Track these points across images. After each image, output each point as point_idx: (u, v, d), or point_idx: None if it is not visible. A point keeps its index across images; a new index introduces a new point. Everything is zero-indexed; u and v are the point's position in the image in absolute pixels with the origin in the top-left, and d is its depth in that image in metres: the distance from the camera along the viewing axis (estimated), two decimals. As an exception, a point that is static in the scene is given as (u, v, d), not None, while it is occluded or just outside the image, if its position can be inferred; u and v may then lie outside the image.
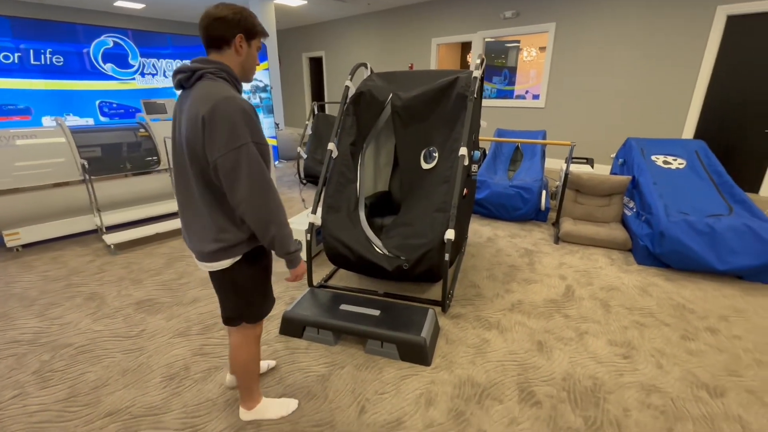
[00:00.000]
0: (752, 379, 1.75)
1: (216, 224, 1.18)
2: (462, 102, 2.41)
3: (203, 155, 1.09)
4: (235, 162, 1.06)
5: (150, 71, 4.84)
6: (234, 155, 1.06)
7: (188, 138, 1.10)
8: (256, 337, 1.44)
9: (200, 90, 1.09)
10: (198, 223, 1.20)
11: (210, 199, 1.16)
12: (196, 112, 1.06)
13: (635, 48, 5.23)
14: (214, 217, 1.17)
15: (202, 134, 1.06)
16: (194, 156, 1.11)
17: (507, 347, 1.97)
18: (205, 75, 1.12)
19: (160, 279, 2.69)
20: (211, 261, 1.22)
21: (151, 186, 3.69)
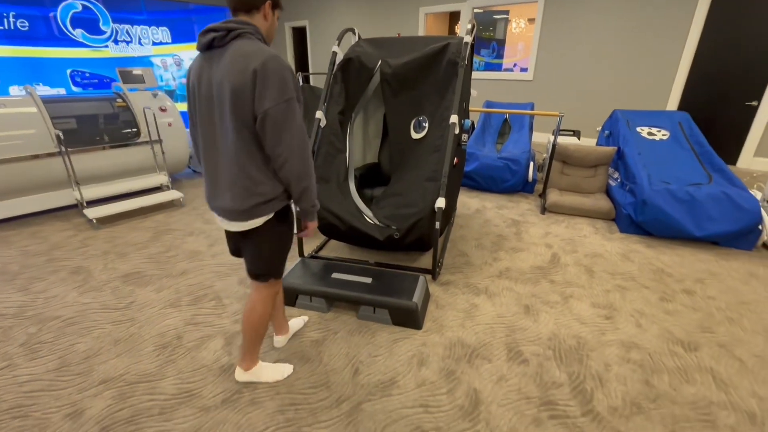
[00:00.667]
0: (723, 335, 1.86)
1: (253, 178, 1.21)
2: (453, 69, 2.37)
3: (250, 106, 1.12)
4: (284, 113, 1.13)
5: (124, 38, 4.59)
6: (284, 106, 1.12)
7: (234, 90, 1.11)
8: (276, 293, 1.49)
9: (243, 47, 1.13)
10: (232, 180, 1.22)
11: (249, 151, 1.18)
12: (245, 66, 1.10)
13: (623, 20, 5.19)
14: (250, 171, 1.20)
15: (252, 86, 1.10)
16: (239, 107, 1.13)
17: (495, 311, 2.03)
18: (244, 35, 1.16)
19: (146, 252, 2.65)
20: (246, 219, 1.26)
21: (133, 159, 3.57)
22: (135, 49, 4.71)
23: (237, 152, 1.18)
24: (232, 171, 1.21)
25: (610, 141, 3.86)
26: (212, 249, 2.70)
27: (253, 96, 1.11)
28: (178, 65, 5.17)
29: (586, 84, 5.72)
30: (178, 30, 5.03)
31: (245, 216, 1.25)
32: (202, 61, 1.20)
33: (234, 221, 1.27)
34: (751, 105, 4.66)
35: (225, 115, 1.16)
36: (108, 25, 4.43)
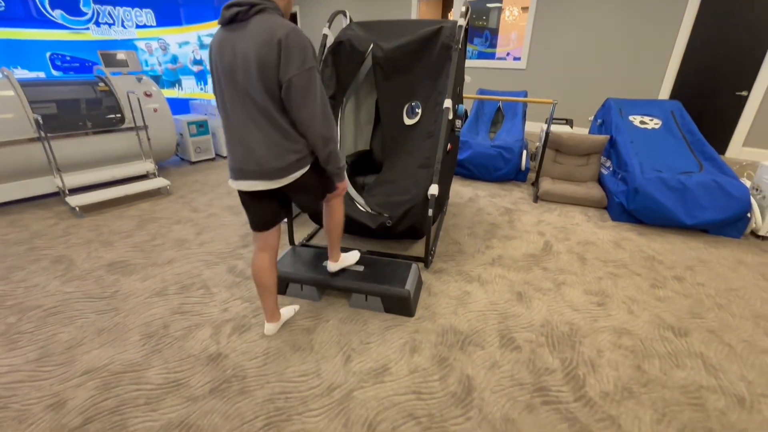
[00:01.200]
0: (713, 321, 1.87)
1: (288, 136, 1.32)
2: (446, 53, 2.31)
3: (277, 72, 1.22)
4: (307, 80, 1.23)
5: (106, 20, 4.41)
6: (307, 75, 1.23)
7: (260, 59, 1.21)
8: (342, 192, 1.63)
9: (265, 21, 1.23)
10: (267, 142, 1.31)
11: (282, 114, 1.29)
12: (270, 38, 1.20)
13: (617, 9, 5.16)
14: (285, 131, 1.31)
15: (278, 55, 1.20)
16: (266, 76, 1.23)
17: (488, 298, 2.02)
18: (266, 9, 1.25)
19: (132, 241, 2.58)
20: (285, 175, 1.35)
21: (117, 146, 3.46)
22: (118, 32, 4.54)
23: (271, 116, 1.28)
24: (267, 133, 1.30)
25: (603, 130, 3.85)
26: (200, 237, 2.63)
27: (278, 65, 1.21)
28: (164, 50, 5.01)
29: (579, 73, 5.69)
30: (163, 12, 4.85)
31: (283, 173, 1.35)
32: (225, 34, 1.27)
33: (273, 180, 1.35)
34: (741, 95, 4.69)
35: (253, 83, 1.24)
36: (89, 5, 4.25)
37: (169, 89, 5.23)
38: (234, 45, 1.24)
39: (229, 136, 1.36)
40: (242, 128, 1.31)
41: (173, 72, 5.21)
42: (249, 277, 2.18)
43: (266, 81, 1.23)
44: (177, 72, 5.26)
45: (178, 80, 5.31)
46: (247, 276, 2.18)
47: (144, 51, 4.84)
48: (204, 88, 5.59)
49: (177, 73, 5.27)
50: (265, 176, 1.34)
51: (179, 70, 5.27)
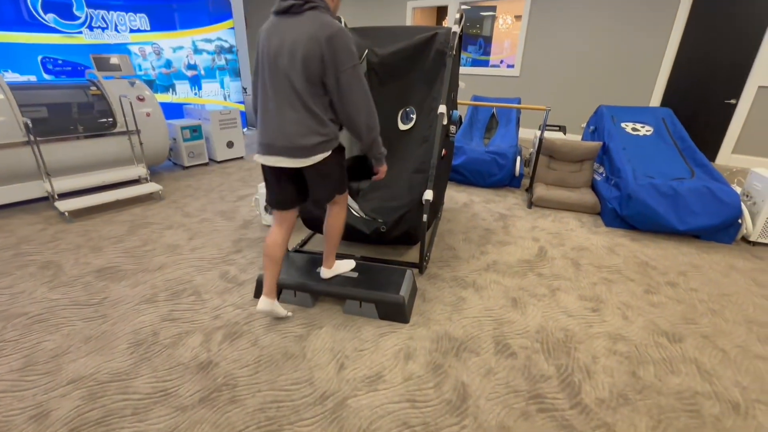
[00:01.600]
0: (706, 326, 1.87)
1: (318, 120, 1.44)
2: (441, 59, 2.32)
3: (320, 66, 1.36)
4: (352, 76, 1.38)
5: (99, 24, 4.39)
6: (351, 71, 1.38)
7: (307, 52, 1.35)
8: (346, 202, 1.80)
9: (316, 17, 1.37)
10: (299, 122, 1.43)
11: (316, 101, 1.42)
12: (318, 34, 1.34)
13: (608, 17, 5.24)
14: (316, 116, 1.43)
15: (325, 51, 1.34)
16: (310, 66, 1.36)
17: (483, 304, 2.01)
18: (318, 7, 1.39)
19: (122, 246, 2.53)
20: (309, 155, 1.47)
21: (108, 150, 3.42)
22: (111, 36, 4.51)
23: (306, 100, 1.41)
24: (300, 114, 1.42)
25: (596, 136, 3.89)
26: (191, 243, 2.60)
27: (321, 59, 1.35)
28: (158, 54, 4.98)
29: (572, 80, 5.76)
30: (157, 17, 4.84)
31: (308, 152, 1.46)
32: (277, 21, 1.42)
33: (297, 158, 1.47)
34: (730, 103, 4.77)
35: (297, 70, 1.38)
36: (82, 10, 4.22)
37: (163, 94, 5.20)
38: (284, 33, 1.39)
39: (264, 114, 1.49)
40: (278, 108, 1.44)
41: (167, 76, 5.19)
42: (241, 283, 2.15)
43: (308, 72, 1.37)
44: (171, 76, 5.23)
45: (172, 85, 5.28)
46: (240, 282, 2.15)
47: (138, 55, 4.81)
48: (198, 93, 5.57)
49: (171, 77, 5.24)
50: (292, 153, 1.46)
51: (173, 74, 5.25)
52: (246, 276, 2.21)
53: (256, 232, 2.78)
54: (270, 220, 2.85)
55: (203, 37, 5.45)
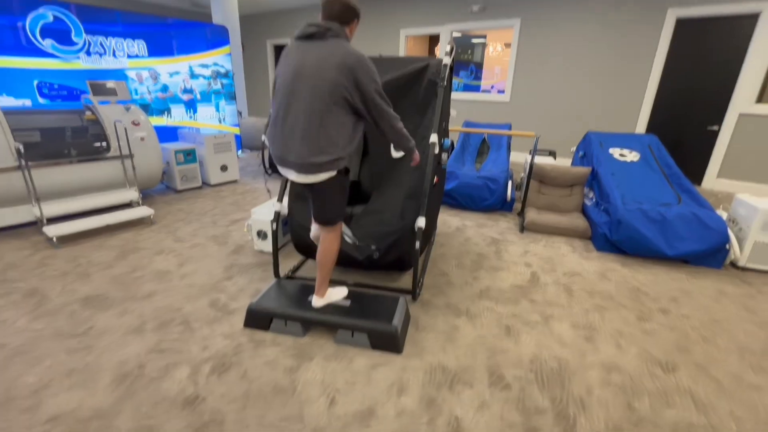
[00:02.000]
0: (699, 354, 1.87)
1: (329, 139, 1.53)
2: (432, 89, 2.39)
3: (346, 89, 1.49)
4: (379, 97, 1.55)
5: (97, 50, 4.46)
6: (378, 94, 1.55)
7: (334, 76, 1.47)
8: (340, 232, 1.85)
9: (338, 45, 1.51)
10: (312, 138, 1.52)
11: (332, 120, 1.51)
12: (343, 60, 1.48)
13: (594, 46, 5.46)
14: (330, 134, 1.52)
15: (350, 75, 1.48)
16: (334, 89, 1.48)
17: (476, 332, 1.99)
18: (340, 36, 1.54)
19: (110, 273, 2.49)
20: (316, 172, 1.57)
21: (101, 174, 3.41)
22: (108, 62, 4.57)
23: (322, 119, 1.50)
24: (314, 132, 1.51)
25: (585, 161, 3.98)
26: (182, 269, 2.56)
27: (346, 83, 1.48)
28: (155, 79, 5.05)
29: (561, 106, 5.93)
30: (155, 43, 4.93)
31: (315, 169, 1.56)
32: (300, 45, 1.55)
33: (305, 174, 1.58)
34: (713, 129, 4.93)
35: (319, 90, 1.48)
36: (80, 36, 4.29)
37: (158, 117, 5.24)
38: (305, 55, 1.52)
39: (281, 129, 1.58)
40: (293, 123, 1.54)
41: (163, 100, 5.24)
42: (231, 311, 2.11)
43: (331, 93, 1.48)
44: (167, 100, 5.29)
45: (168, 108, 5.33)
46: (230, 311, 2.12)
47: (134, 80, 4.87)
48: (193, 116, 5.62)
49: (167, 101, 5.30)
50: (302, 169, 1.58)
51: (169, 98, 5.30)
52: (236, 304, 2.18)
53: (248, 258, 2.75)
54: (261, 246, 2.83)
55: (200, 62, 5.55)
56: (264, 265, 2.64)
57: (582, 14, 5.43)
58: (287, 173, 1.65)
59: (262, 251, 2.85)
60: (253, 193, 4.35)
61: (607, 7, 5.24)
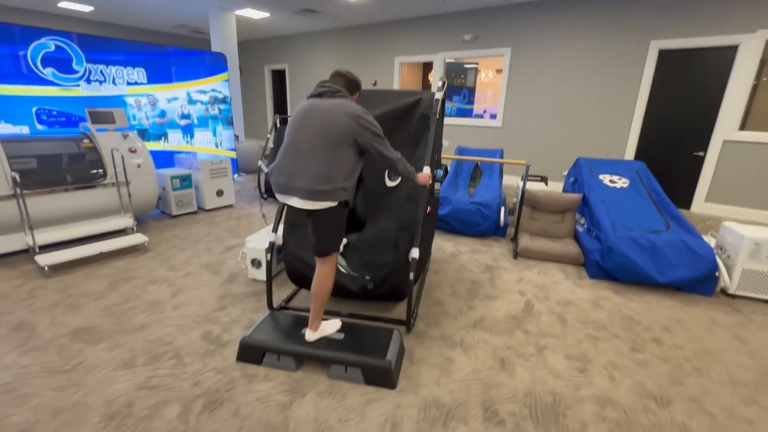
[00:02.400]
0: (693, 387, 1.88)
1: (332, 172, 1.73)
2: (425, 122, 2.45)
3: (351, 137, 1.74)
4: (381, 144, 1.80)
5: (97, 78, 4.54)
6: (380, 140, 1.80)
7: (343, 120, 1.73)
8: (335, 264, 1.94)
9: (344, 102, 1.80)
10: (316, 170, 1.71)
11: (336, 161, 1.73)
12: (351, 110, 1.76)
13: (583, 75, 5.65)
14: (332, 170, 1.73)
15: (354, 126, 1.73)
16: (342, 135, 1.73)
17: (471, 365, 1.98)
18: (345, 96, 1.84)
19: (102, 303, 2.46)
20: (317, 199, 1.72)
21: (96, 201, 3.41)
22: (108, 89, 4.65)
23: (327, 158, 1.72)
24: (319, 166, 1.72)
25: (576, 188, 4.05)
26: (175, 299, 2.54)
27: (354, 126, 1.73)
28: (153, 105, 5.13)
29: (552, 131, 6.07)
30: (155, 71, 5.04)
31: (320, 196, 1.72)
32: (312, 101, 1.83)
33: (307, 200, 1.73)
34: (699, 155, 5.07)
35: (328, 131, 1.73)
36: (81, 65, 4.38)
37: (155, 142, 5.29)
38: (316, 108, 1.78)
39: (292, 158, 1.76)
40: (300, 158, 1.75)
41: (160, 126, 5.31)
42: (224, 344, 2.09)
43: (338, 138, 1.73)
44: (164, 126, 5.36)
45: (165, 133, 5.39)
46: (222, 343, 2.10)
47: (132, 106, 4.94)
48: (190, 141, 5.68)
49: (164, 126, 5.36)
50: (303, 195, 1.73)
51: (166, 123, 5.37)
52: (229, 336, 2.16)
53: (242, 287, 2.74)
54: (255, 275, 2.83)
55: (198, 88, 5.66)
56: (257, 295, 2.63)
57: (570, 44, 5.65)
58: (288, 200, 1.78)
59: (256, 280, 2.84)
60: (248, 218, 4.36)
61: (593, 38, 5.46)
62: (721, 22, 4.60)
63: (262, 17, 7.55)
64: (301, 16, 7.32)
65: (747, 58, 4.53)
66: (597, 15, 5.37)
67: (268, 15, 7.38)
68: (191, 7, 7.00)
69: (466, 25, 6.50)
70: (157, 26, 9.02)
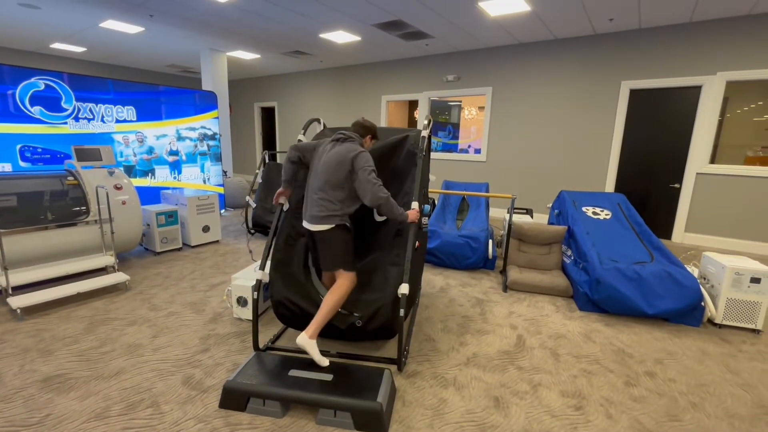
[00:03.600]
0: (689, 424, 1.84)
1: (331, 202, 2.12)
2: (412, 159, 2.51)
3: (348, 173, 2.10)
4: (368, 176, 2.07)
5: (86, 116, 4.56)
6: (367, 173, 2.07)
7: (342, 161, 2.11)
8: (352, 282, 2.17)
9: (350, 144, 2.17)
10: (321, 201, 2.12)
11: (336, 193, 2.12)
12: (349, 153, 2.11)
13: (561, 112, 5.94)
14: (332, 200, 2.11)
15: (350, 163, 2.09)
16: (340, 172, 2.11)
17: (465, 406, 1.91)
18: (354, 140, 2.22)
19: (76, 348, 2.34)
20: (321, 223, 2.11)
21: (77, 239, 3.32)
22: (96, 126, 4.67)
23: (329, 190, 2.12)
24: (322, 198, 2.13)
25: (561, 219, 4.14)
26: (155, 341, 2.43)
27: (348, 169, 2.10)
28: (141, 142, 5.15)
29: (534, 165, 6.28)
30: (145, 109, 5.10)
31: (321, 221, 2.11)
32: (329, 145, 2.22)
33: (314, 224, 2.12)
34: (675, 187, 5.27)
35: (332, 173, 2.12)
36: (70, 103, 4.41)
37: (142, 178, 5.26)
38: (329, 150, 2.18)
39: (308, 195, 2.21)
40: (312, 192, 2.18)
41: (147, 162, 5.30)
42: (206, 389, 1.98)
43: (338, 174, 2.11)
44: (151, 162, 5.35)
45: (152, 169, 5.38)
46: (204, 389, 1.99)
47: (120, 143, 4.95)
48: (177, 177, 5.67)
49: (151, 163, 5.36)
50: (313, 221, 2.13)
51: (154, 160, 5.37)
52: (212, 381, 2.06)
53: (226, 327, 2.65)
54: (240, 314, 2.74)
55: (187, 125, 5.72)
56: (243, 335, 2.54)
57: (547, 83, 5.97)
58: (307, 225, 2.18)
59: (241, 319, 2.75)
60: (234, 254, 4.29)
61: (568, 78, 5.79)
62: (685, 64, 4.96)
63: (253, 58, 7.82)
64: (290, 57, 7.61)
65: (710, 97, 4.85)
66: (571, 56, 5.73)
67: (259, 56, 7.65)
68: (183, 48, 7.22)
69: (448, 65, 6.84)
70: (148, 66, 9.23)
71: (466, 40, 5.99)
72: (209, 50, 7.00)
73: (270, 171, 5.48)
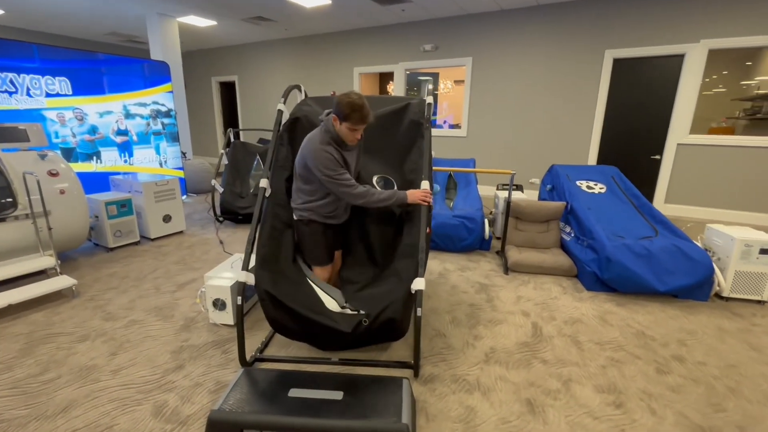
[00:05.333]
0: (735, 412, 1.70)
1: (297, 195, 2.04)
2: (416, 129, 2.17)
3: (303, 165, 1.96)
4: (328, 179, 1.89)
5: (6, 88, 3.79)
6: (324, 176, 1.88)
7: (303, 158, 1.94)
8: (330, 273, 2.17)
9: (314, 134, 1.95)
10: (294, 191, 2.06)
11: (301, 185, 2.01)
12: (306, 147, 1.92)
13: (543, 83, 5.72)
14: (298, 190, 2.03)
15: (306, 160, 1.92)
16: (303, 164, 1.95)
17: (496, 413, 1.67)
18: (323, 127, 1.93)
19: (9, 378, 1.86)
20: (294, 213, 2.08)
21: (4, 237, 2.73)
22: (21, 101, 3.90)
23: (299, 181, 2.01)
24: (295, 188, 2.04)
25: (554, 195, 3.96)
26: (115, 360, 2.00)
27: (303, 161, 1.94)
28: (80, 120, 4.40)
29: (516, 139, 6.09)
30: (82, 81, 4.33)
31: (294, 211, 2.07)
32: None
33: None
34: (656, 158, 5.26)
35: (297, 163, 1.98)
36: (-16, 73, 3.63)
37: (85, 162, 4.54)
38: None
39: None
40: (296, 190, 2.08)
41: (91, 143, 4.58)
42: (185, 420, 1.61)
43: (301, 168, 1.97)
44: (95, 143, 4.63)
45: (97, 152, 4.66)
46: (182, 419, 1.61)
47: (55, 122, 4.20)
48: (129, 161, 4.98)
49: (96, 144, 4.64)
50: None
51: (98, 141, 4.65)
52: (191, 408, 1.68)
53: (202, 335, 2.24)
54: (218, 319, 2.34)
55: (137, 101, 4.99)
56: (223, 344, 2.15)
57: (529, 53, 5.71)
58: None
59: (218, 324, 2.35)
60: (202, 246, 3.80)
61: (551, 47, 5.56)
62: (669, 31, 4.84)
63: (209, 25, 6.98)
64: (251, 24, 6.86)
65: (693, 66, 4.79)
66: (555, 25, 5.48)
67: (215, 23, 6.83)
68: (125, 12, 6.29)
69: (426, 34, 6.40)
70: (84, 34, 8.08)
71: (446, 4, 5.57)
72: (157, 15, 6.13)
73: (236, 151, 4.93)
